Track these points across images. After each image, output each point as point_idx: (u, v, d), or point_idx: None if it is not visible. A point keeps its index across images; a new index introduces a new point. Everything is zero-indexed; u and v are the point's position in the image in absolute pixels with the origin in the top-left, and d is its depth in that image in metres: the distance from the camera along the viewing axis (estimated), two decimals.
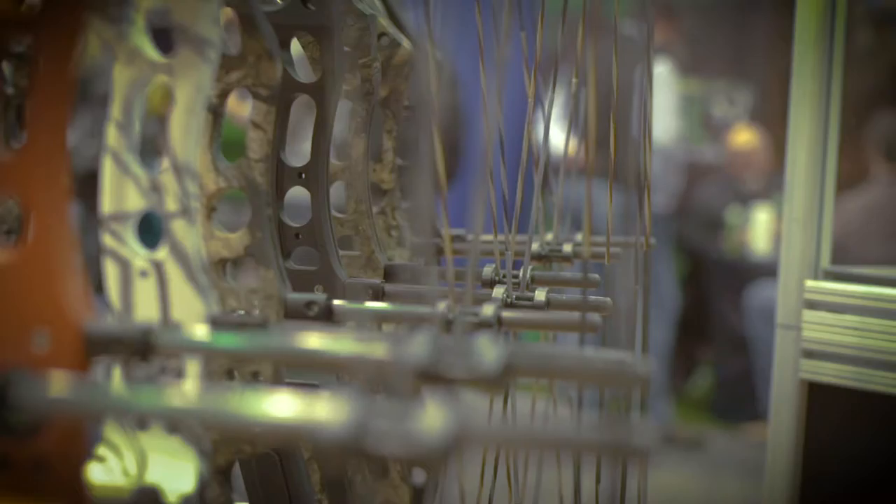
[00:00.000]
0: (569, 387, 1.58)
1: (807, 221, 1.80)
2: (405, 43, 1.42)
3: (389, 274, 1.30)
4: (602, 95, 1.09)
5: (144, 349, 0.65)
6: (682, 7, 6.04)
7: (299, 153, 1.19)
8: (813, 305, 1.82)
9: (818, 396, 1.80)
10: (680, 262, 5.73)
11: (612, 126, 1.24)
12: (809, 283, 1.82)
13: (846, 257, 2.53)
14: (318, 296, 0.99)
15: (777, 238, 4.97)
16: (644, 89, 1.27)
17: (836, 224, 3.74)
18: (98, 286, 0.77)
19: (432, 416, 0.47)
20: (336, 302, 0.99)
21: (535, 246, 1.42)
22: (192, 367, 0.82)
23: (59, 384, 0.55)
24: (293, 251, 1.18)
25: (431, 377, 0.57)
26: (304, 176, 1.16)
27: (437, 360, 0.61)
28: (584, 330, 0.89)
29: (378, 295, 1.18)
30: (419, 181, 0.91)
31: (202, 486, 0.83)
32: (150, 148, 0.80)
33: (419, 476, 1.61)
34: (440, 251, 1.30)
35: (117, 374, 0.79)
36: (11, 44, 0.69)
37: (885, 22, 6.32)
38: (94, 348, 0.67)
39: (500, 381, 0.60)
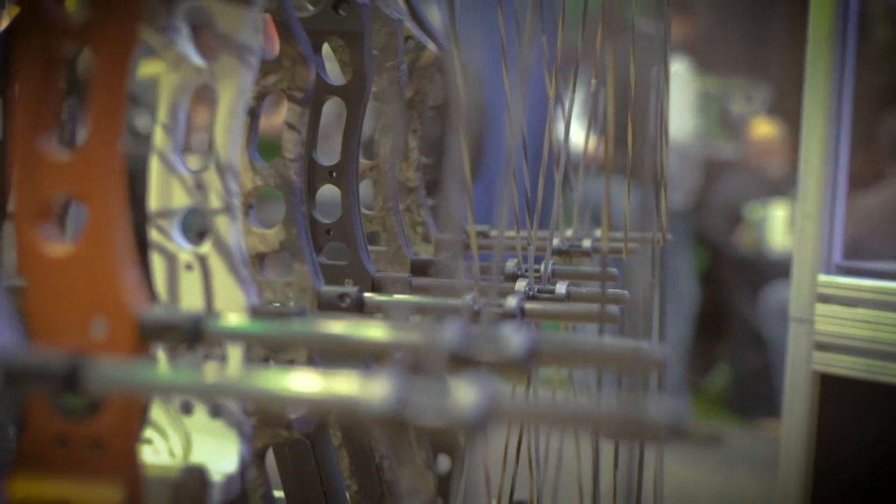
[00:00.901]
0: (587, 378, 1.62)
1: (819, 218, 1.85)
2: (430, 46, 1.47)
3: (415, 268, 1.35)
4: (620, 94, 1.14)
5: (195, 336, 0.71)
6: (700, 5, 6.05)
7: (325, 152, 1.24)
8: (825, 299, 1.87)
9: (830, 388, 1.85)
10: (698, 258, 5.74)
11: (630, 124, 1.28)
12: (822, 278, 1.86)
13: (861, 254, 2.57)
14: (350, 288, 1.04)
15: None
16: (661, 87, 1.32)
17: (852, 221, 3.77)
18: None
19: (465, 392, 0.52)
20: (367, 294, 1.05)
21: (555, 241, 1.47)
22: (234, 355, 0.87)
23: (120, 367, 0.61)
24: (324, 246, 1.23)
25: (463, 360, 0.62)
26: (334, 174, 1.21)
27: (467, 345, 0.66)
28: (602, 321, 0.94)
29: (405, 288, 1.23)
30: (445, 179, 0.95)
31: (243, 467, 0.88)
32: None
33: (443, 465, 1.66)
34: (465, 247, 1.35)
35: (163, 360, 0.84)
36: (68, 53, 0.74)
37: None
38: (148, 335, 0.72)
39: (525, 365, 0.65)
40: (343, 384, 0.54)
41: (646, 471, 1.43)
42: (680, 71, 5.06)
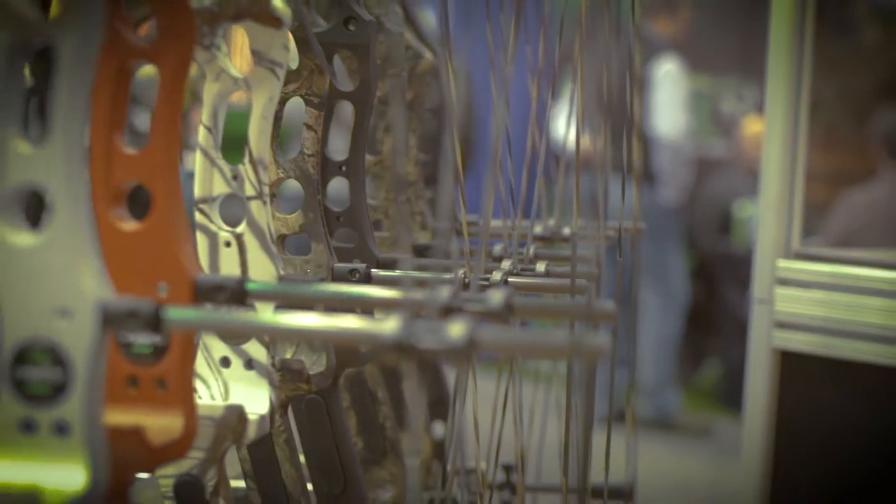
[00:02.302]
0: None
1: (779, 208, 2.04)
2: (427, 54, 1.65)
3: (414, 251, 1.53)
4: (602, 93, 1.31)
5: (240, 296, 0.89)
6: (690, 4, 6.16)
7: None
8: (784, 282, 2.06)
9: (789, 363, 2.04)
10: (689, 254, 5.84)
11: (604, 121, 1.45)
12: (781, 263, 2.05)
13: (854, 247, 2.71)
14: (360, 265, 1.22)
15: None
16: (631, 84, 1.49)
17: (844, 219, 3.92)
18: None
19: (455, 327, 0.70)
20: (374, 270, 1.23)
21: (537, 228, 1.65)
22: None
23: (191, 311, 0.78)
24: (335, 231, 1.41)
25: (452, 310, 0.81)
26: (344, 168, 1.39)
27: (457, 301, 0.84)
28: (573, 291, 1.12)
29: (406, 268, 1.41)
30: (440, 174, 1.13)
31: (272, 409, 1.07)
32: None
33: (438, 430, 1.84)
34: (458, 233, 1.53)
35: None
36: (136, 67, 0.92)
37: (891, 20, 6.44)
38: (201, 295, 0.90)
39: (504, 315, 0.83)
40: (365, 323, 0.72)
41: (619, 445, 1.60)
42: (671, 70, 5.18)
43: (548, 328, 2.38)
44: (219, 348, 1.06)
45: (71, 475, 0.75)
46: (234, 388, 1.05)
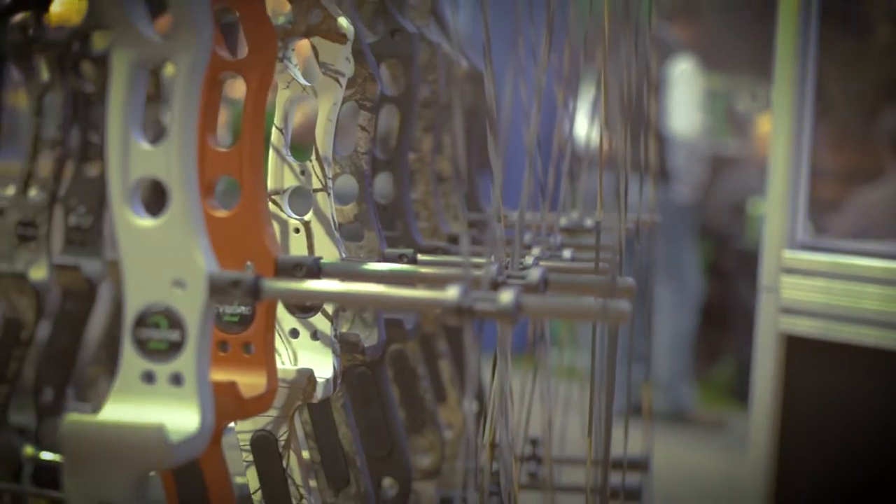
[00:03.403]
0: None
1: (785, 203, 2.19)
2: (462, 61, 1.81)
3: (450, 240, 1.69)
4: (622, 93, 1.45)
5: (316, 272, 1.04)
6: (706, 6, 6.24)
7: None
8: (790, 271, 2.21)
9: (794, 347, 2.20)
10: (704, 251, 5.93)
11: (628, 120, 1.60)
12: (787, 253, 2.20)
13: None
14: (407, 250, 1.38)
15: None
16: (657, 84, 1.64)
17: (854, 216, 4.02)
18: None
19: (504, 296, 0.85)
20: (420, 256, 1.38)
21: (563, 220, 1.80)
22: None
23: (283, 283, 0.94)
24: (381, 221, 1.56)
25: (499, 284, 0.96)
26: (390, 164, 1.55)
27: (503, 277, 1.00)
28: (597, 272, 1.27)
29: (443, 254, 1.57)
30: (473, 170, 1.28)
31: (335, 375, 1.22)
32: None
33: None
34: (487, 224, 1.69)
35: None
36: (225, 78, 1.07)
37: None
38: (281, 272, 1.06)
39: (540, 288, 0.98)
40: (430, 292, 0.87)
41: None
42: (686, 70, 5.29)
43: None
44: (289, 321, 1.22)
45: (186, 418, 0.91)
46: (302, 355, 1.21)
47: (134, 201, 0.93)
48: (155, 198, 1.06)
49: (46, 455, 1.90)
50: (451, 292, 0.85)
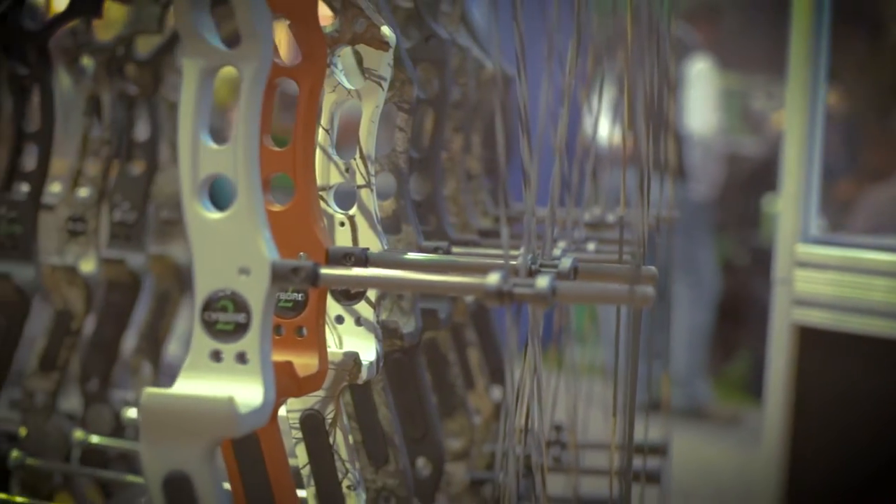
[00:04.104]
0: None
1: (798, 199, 2.29)
2: (489, 64, 1.90)
3: (479, 234, 1.79)
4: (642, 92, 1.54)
5: (364, 261, 1.14)
6: (722, 6, 6.30)
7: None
8: (803, 264, 2.31)
9: (807, 337, 2.29)
10: (720, 247, 6.00)
11: (646, 119, 1.69)
12: (800, 247, 2.30)
13: None
14: (442, 243, 1.47)
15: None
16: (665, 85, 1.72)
17: (868, 214, 4.08)
18: None
19: (541, 280, 0.95)
20: (454, 248, 1.48)
21: (586, 216, 1.90)
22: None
23: (338, 270, 1.04)
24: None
25: (534, 271, 1.06)
26: (423, 163, 1.64)
27: (537, 265, 1.09)
28: (620, 262, 1.36)
29: (473, 247, 1.66)
30: (501, 169, 1.36)
31: (378, 358, 1.31)
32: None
33: (497, 393, 2.09)
34: (517, 220, 1.78)
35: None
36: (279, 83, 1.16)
37: None
38: (332, 261, 1.15)
39: (571, 276, 1.08)
40: (473, 278, 0.97)
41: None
42: (703, 69, 5.36)
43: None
44: (334, 308, 1.31)
45: (251, 393, 1.00)
46: (347, 340, 1.30)
47: (203, 196, 1.02)
48: None
49: (94, 439, 2.00)
50: (493, 278, 0.95)
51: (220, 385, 1.00)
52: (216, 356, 1.01)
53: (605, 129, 2.97)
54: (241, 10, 0.97)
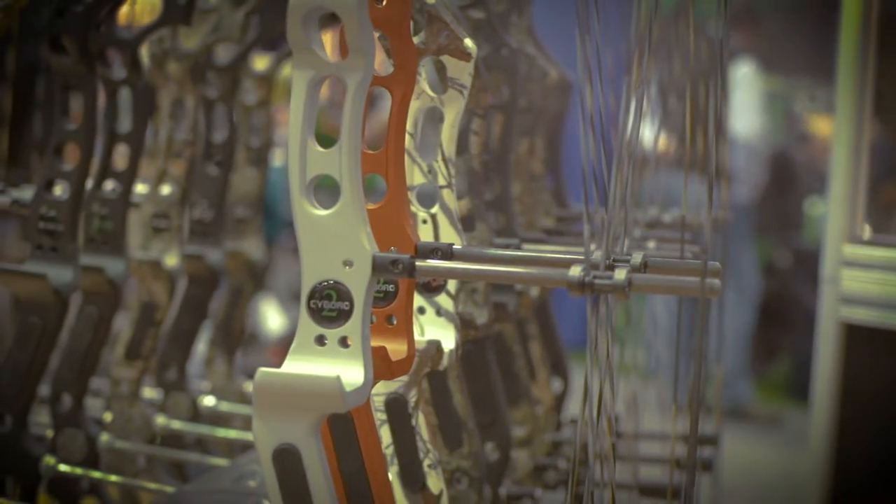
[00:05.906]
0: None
1: (846, 201, 2.38)
2: (552, 71, 2.00)
3: (544, 232, 1.89)
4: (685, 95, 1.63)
5: (450, 255, 1.24)
6: (765, 10, 6.33)
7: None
8: (850, 264, 2.39)
9: (853, 334, 2.38)
10: (762, 250, 6.06)
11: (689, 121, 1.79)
12: (847, 247, 2.39)
13: None
14: (513, 240, 1.57)
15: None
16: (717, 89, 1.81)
17: None
18: None
19: (619, 272, 1.04)
20: (525, 245, 1.58)
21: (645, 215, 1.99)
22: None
23: (430, 263, 1.13)
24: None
25: (610, 266, 1.15)
26: (494, 165, 1.74)
27: (610, 259, 1.19)
28: (682, 256, 1.46)
29: (541, 244, 1.76)
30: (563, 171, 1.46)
31: (457, 346, 1.41)
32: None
33: (556, 387, 2.19)
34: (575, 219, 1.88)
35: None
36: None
37: None
38: (420, 255, 1.25)
39: (642, 269, 1.17)
40: (555, 270, 1.07)
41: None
42: (747, 73, 5.44)
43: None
44: (417, 300, 1.41)
45: (353, 373, 1.10)
46: (428, 330, 1.40)
47: (311, 195, 1.12)
48: None
49: (175, 424, 2.11)
50: (574, 270, 1.04)
51: (325, 366, 1.10)
52: (320, 340, 1.12)
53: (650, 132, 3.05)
54: (350, 27, 1.07)
